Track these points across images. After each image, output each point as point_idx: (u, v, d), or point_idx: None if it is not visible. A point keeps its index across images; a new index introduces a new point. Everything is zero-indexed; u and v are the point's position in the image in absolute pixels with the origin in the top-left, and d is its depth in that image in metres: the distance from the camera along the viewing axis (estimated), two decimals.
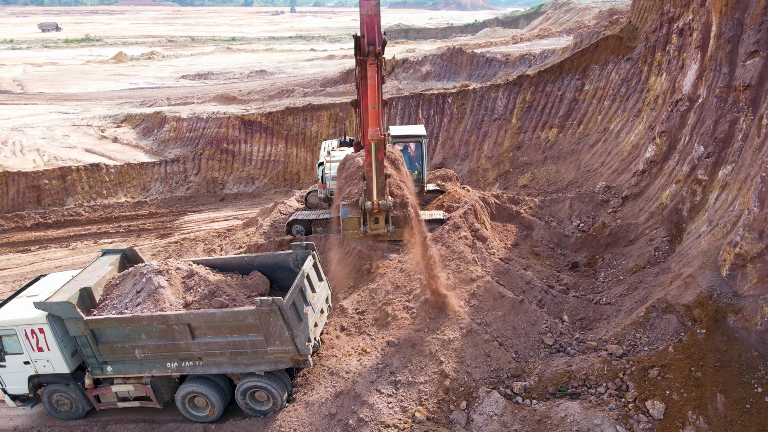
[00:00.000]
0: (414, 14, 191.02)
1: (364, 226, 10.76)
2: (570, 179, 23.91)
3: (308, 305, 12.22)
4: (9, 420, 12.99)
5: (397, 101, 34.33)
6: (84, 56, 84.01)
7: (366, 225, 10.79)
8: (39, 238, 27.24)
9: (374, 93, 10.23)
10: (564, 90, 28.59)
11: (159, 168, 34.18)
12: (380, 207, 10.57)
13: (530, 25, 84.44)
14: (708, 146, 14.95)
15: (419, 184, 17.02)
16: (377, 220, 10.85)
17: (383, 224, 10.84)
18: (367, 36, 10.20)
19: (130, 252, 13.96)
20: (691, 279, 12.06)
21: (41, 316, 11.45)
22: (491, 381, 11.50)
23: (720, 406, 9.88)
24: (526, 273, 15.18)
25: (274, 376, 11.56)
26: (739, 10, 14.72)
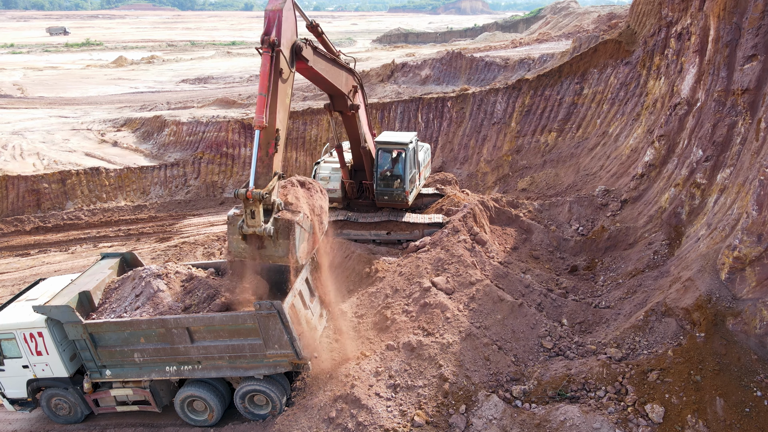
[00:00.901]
0: (413, 18, 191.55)
1: (241, 222, 10.44)
2: (569, 183, 23.94)
3: (307, 309, 12.22)
4: (8, 424, 12.96)
5: (396, 105, 34.39)
6: (84, 60, 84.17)
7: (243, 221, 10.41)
8: (38, 242, 27.24)
9: (264, 80, 10.59)
10: (563, 94, 28.66)
11: (159, 172, 34.20)
12: (254, 196, 10.21)
13: (529, 30, 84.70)
14: (706, 150, 14.99)
15: (401, 192, 16.85)
16: (253, 215, 10.50)
17: (260, 221, 10.43)
18: (266, 28, 10.86)
19: (130, 256, 13.96)
20: (690, 282, 12.07)
21: (40, 320, 11.44)
22: (490, 385, 11.49)
23: (719, 410, 9.86)
24: (526, 277, 15.18)
25: (273, 380, 11.55)
26: (736, 14, 14.78)
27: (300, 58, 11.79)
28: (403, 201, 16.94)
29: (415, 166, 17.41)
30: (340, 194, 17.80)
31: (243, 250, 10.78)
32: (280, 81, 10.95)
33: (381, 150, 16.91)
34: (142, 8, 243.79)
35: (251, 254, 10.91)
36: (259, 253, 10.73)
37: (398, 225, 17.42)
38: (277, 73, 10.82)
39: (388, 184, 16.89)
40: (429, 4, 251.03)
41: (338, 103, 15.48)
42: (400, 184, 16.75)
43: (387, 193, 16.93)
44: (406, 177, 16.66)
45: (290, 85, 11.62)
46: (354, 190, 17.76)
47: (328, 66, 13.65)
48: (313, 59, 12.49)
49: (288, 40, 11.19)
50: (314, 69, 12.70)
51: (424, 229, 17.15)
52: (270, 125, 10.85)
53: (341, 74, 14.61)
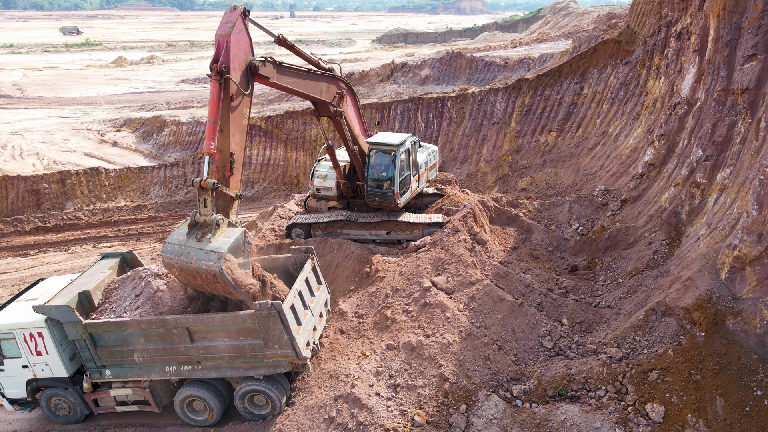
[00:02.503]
0: (413, 18, 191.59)
1: (194, 212, 10.77)
2: (569, 182, 23.94)
3: (307, 309, 12.22)
4: (8, 424, 12.95)
5: (396, 105, 34.39)
6: (84, 60, 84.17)
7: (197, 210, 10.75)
8: (38, 242, 27.24)
9: (213, 108, 10.83)
10: (563, 94, 28.66)
11: (158, 172, 34.19)
12: (207, 185, 10.54)
13: (529, 30, 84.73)
14: (706, 149, 14.99)
15: (390, 193, 16.78)
16: (206, 203, 10.63)
17: (211, 210, 10.72)
18: (215, 54, 11.04)
19: (129, 256, 13.96)
20: (690, 282, 12.07)
21: (40, 320, 11.44)
22: (491, 384, 11.48)
23: (719, 409, 9.86)
24: (526, 276, 15.18)
25: (273, 380, 11.54)
26: (736, 14, 14.78)
27: (259, 76, 11.91)
28: (392, 203, 16.84)
29: (409, 169, 17.29)
30: (336, 193, 17.87)
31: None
32: (231, 108, 11.08)
33: (372, 151, 16.89)
34: (141, 8, 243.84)
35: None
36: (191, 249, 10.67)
37: (398, 225, 17.41)
38: (228, 100, 10.95)
39: (378, 185, 16.80)
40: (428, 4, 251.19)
41: (322, 110, 15.68)
42: (389, 186, 16.65)
43: (377, 194, 16.87)
44: (395, 179, 16.52)
45: (246, 105, 11.68)
46: (349, 189, 17.79)
47: (298, 80, 13.73)
48: (277, 76, 12.60)
49: (240, 63, 11.31)
50: (280, 84, 12.85)
51: (424, 228, 17.14)
52: (224, 150, 11.05)
53: (319, 84, 14.65)
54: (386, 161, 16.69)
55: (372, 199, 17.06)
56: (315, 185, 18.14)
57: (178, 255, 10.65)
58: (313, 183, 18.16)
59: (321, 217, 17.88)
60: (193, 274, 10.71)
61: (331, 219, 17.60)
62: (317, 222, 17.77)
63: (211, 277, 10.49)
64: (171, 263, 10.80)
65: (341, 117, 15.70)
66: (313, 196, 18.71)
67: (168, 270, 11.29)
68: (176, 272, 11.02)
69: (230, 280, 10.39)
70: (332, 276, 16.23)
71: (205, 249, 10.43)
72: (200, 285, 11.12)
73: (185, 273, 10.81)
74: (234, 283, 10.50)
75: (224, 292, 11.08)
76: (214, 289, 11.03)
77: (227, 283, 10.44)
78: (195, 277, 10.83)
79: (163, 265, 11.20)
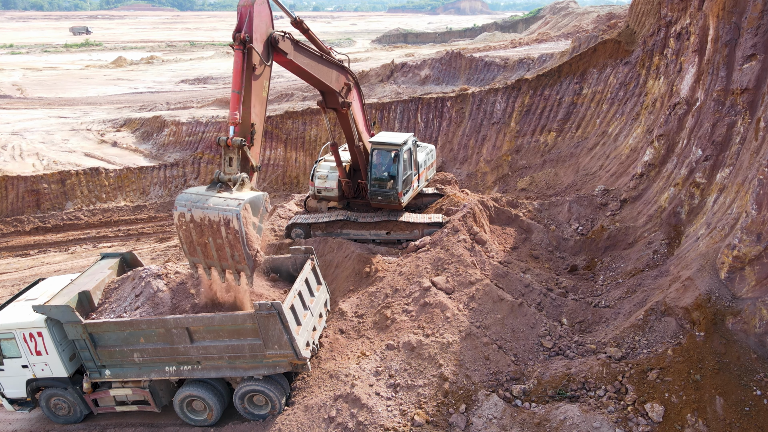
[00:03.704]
0: (413, 18, 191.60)
1: (218, 171, 10.66)
2: (569, 182, 23.95)
3: (307, 309, 12.22)
4: (8, 424, 12.95)
5: (395, 105, 34.39)
6: (83, 61, 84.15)
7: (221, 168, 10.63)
8: (38, 242, 27.24)
9: (236, 78, 10.80)
10: (562, 94, 28.67)
11: (158, 172, 34.20)
12: (234, 143, 10.48)
13: (529, 30, 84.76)
14: (706, 149, 15.00)
15: (393, 193, 16.86)
16: (231, 162, 10.50)
17: (236, 168, 10.58)
18: (237, 23, 10.97)
19: (129, 256, 13.96)
20: (689, 282, 12.08)
21: (40, 320, 11.44)
22: (490, 384, 11.49)
23: (719, 409, 9.87)
24: (525, 276, 15.19)
25: (272, 380, 11.55)
26: (736, 14, 14.79)
27: (277, 50, 11.87)
28: (396, 202, 16.90)
29: (411, 168, 17.37)
30: (337, 193, 17.83)
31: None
32: (254, 77, 11.05)
33: (375, 150, 16.91)
34: (141, 8, 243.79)
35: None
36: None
37: (398, 225, 17.42)
38: (250, 70, 10.93)
39: (381, 184, 16.85)
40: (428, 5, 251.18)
41: (330, 100, 15.59)
42: (393, 185, 16.71)
43: (380, 193, 16.92)
44: (399, 178, 16.60)
45: (266, 78, 11.68)
46: (351, 189, 17.77)
47: (313, 62, 13.71)
48: (294, 53, 12.55)
49: (262, 35, 11.30)
50: (295, 63, 12.77)
51: (423, 228, 17.15)
52: (245, 121, 10.95)
53: (330, 71, 14.66)
54: (390, 160, 16.74)
55: (375, 199, 17.09)
56: (316, 186, 18.09)
57: (194, 202, 10.19)
58: (314, 184, 18.12)
59: (321, 217, 17.89)
60: (203, 227, 10.13)
61: (331, 219, 17.60)
62: (317, 222, 17.78)
63: (222, 227, 9.94)
64: (183, 212, 10.22)
65: (348, 109, 15.69)
66: (314, 197, 18.68)
67: (176, 222, 10.56)
68: (184, 225, 10.33)
69: (243, 231, 9.94)
70: (332, 276, 16.24)
71: (226, 197, 10.11)
72: (203, 245, 10.47)
73: (195, 225, 10.20)
74: (245, 237, 10.03)
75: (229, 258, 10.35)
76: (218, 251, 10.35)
77: (238, 235, 9.89)
78: (202, 232, 10.22)
79: (173, 215, 10.59)
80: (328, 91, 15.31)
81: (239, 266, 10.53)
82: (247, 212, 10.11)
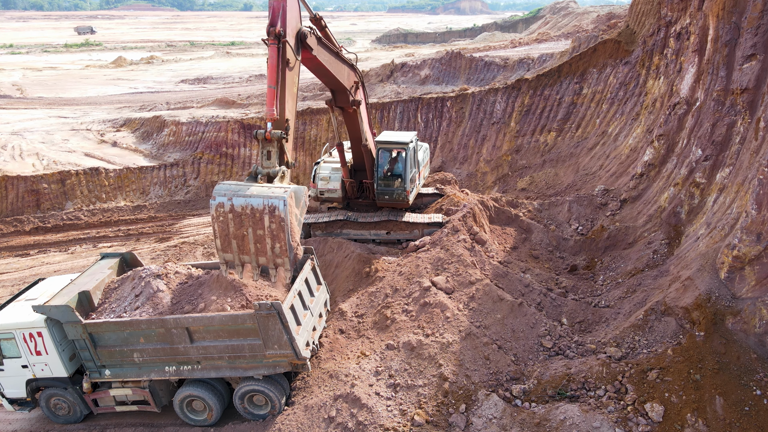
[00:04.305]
0: (413, 18, 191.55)
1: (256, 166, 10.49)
2: (568, 182, 23.95)
3: (307, 309, 12.22)
4: (8, 424, 12.95)
5: (395, 105, 34.39)
6: (83, 61, 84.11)
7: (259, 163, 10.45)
8: (38, 242, 27.21)
9: (272, 73, 10.70)
10: (562, 94, 28.67)
11: (158, 172, 34.18)
12: (273, 136, 10.33)
13: (529, 30, 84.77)
14: (706, 149, 15.00)
15: (401, 191, 17.00)
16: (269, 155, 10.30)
17: (275, 162, 10.34)
18: (271, 18, 10.90)
19: (129, 256, 13.95)
20: (689, 282, 12.08)
21: (40, 320, 11.43)
22: (490, 384, 11.49)
23: (719, 409, 9.87)
24: (525, 276, 15.19)
25: (272, 380, 11.54)
26: (736, 14, 14.80)
27: (305, 46, 11.82)
28: (404, 200, 16.99)
29: (415, 166, 17.47)
30: (341, 194, 17.80)
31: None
32: (288, 71, 10.98)
33: (382, 149, 16.94)
34: (141, 8, 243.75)
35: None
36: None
37: (398, 225, 17.42)
38: (285, 64, 10.85)
39: (388, 183, 16.94)
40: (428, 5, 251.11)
41: (340, 99, 15.50)
42: (400, 183, 16.82)
43: (388, 192, 16.98)
44: (406, 176, 16.73)
45: (297, 73, 11.66)
46: (354, 189, 17.76)
47: (331, 58, 13.68)
48: (317, 48, 12.52)
49: (293, 29, 11.24)
50: (317, 59, 12.73)
51: (423, 228, 17.16)
52: (280, 116, 10.85)
53: (344, 68, 14.65)
54: (397, 159, 16.80)
55: (382, 198, 17.16)
56: (318, 188, 17.94)
57: (234, 191, 9.78)
58: (316, 185, 17.97)
59: (321, 217, 17.88)
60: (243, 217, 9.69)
61: (331, 219, 17.60)
62: (317, 222, 17.77)
63: (267, 215, 9.55)
64: (222, 201, 9.81)
65: (358, 107, 15.64)
66: (316, 199, 18.58)
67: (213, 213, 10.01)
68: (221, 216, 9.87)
69: (288, 221, 9.61)
70: (332, 276, 16.24)
71: (269, 186, 9.84)
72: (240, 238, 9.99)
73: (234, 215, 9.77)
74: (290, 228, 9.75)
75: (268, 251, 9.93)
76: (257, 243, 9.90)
77: (283, 224, 9.51)
78: (242, 223, 9.74)
79: (210, 206, 10.13)
80: (339, 90, 15.21)
81: (278, 260, 10.12)
82: (292, 201, 9.89)
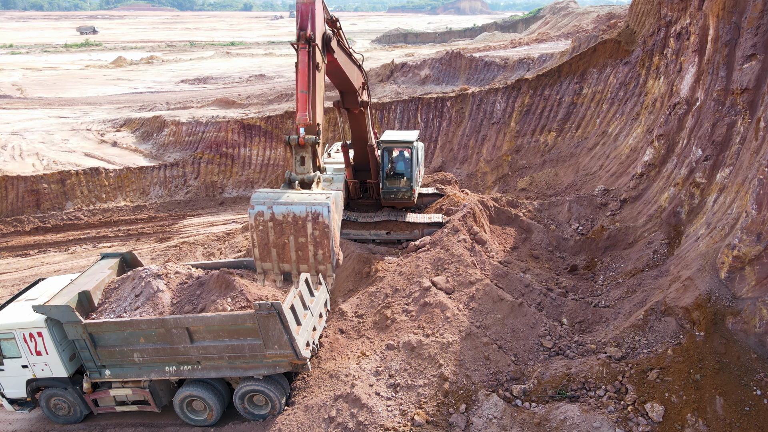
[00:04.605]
0: (413, 18, 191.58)
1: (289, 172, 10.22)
2: (569, 182, 23.95)
3: (307, 309, 12.22)
4: (8, 424, 12.95)
5: (395, 105, 34.39)
6: (83, 61, 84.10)
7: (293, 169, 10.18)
8: (38, 242, 27.21)
9: (304, 77, 10.50)
10: (562, 94, 28.67)
11: (158, 172, 34.17)
12: (306, 141, 10.14)
13: (529, 30, 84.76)
14: (706, 149, 15.00)
15: (408, 190, 17.10)
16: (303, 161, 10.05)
17: (309, 167, 10.10)
18: (300, 22, 10.72)
19: (129, 256, 13.95)
20: (689, 282, 12.07)
21: (40, 320, 11.44)
22: (490, 384, 11.49)
23: (719, 409, 9.87)
24: (525, 276, 15.19)
25: (272, 380, 11.55)
26: (736, 14, 14.80)
27: (328, 48, 11.70)
28: (410, 199, 17.07)
29: (418, 165, 17.56)
30: (344, 194, 17.82)
31: None
32: (317, 75, 10.80)
33: (387, 149, 16.97)
34: (141, 9, 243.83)
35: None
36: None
37: (398, 225, 17.43)
38: (315, 68, 10.67)
39: (394, 183, 17.01)
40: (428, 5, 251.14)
41: (348, 100, 15.40)
42: (406, 182, 16.90)
43: (393, 191, 17.06)
44: (412, 175, 16.82)
45: (323, 77, 11.49)
46: (357, 189, 17.78)
47: (347, 59, 13.64)
48: (337, 51, 12.45)
49: (320, 33, 11.12)
50: (337, 62, 12.62)
51: (423, 228, 17.16)
52: (312, 121, 10.63)
53: (354, 69, 14.62)
54: (403, 158, 16.86)
55: (388, 197, 17.19)
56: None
57: (274, 199, 9.57)
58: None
59: None
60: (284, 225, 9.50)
61: None
62: None
63: (310, 222, 9.38)
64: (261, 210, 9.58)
65: (366, 108, 15.58)
66: None
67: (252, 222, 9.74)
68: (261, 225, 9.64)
69: (332, 227, 9.44)
70: None
71: (310, 192, 9.67)
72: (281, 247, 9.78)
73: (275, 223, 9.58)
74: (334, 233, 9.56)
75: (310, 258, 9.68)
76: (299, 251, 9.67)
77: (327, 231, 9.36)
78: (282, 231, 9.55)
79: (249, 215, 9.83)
80: (349, 91, 15.07)
81: (320, 267, 9.91)
82: (334, 207, 9.79)
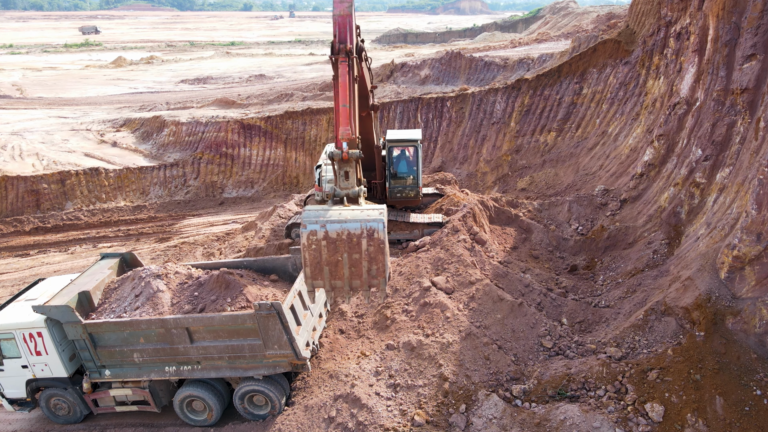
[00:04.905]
0: (413, 18, 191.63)
1: (333, 187, 10.05)
2: (568, 182, 23.96)
3: (307, 309, 12.23)
4: (7, 424, 12.95)
5: (395, 105, 34.39)
6: (83, 61, 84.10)
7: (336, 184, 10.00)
8: (38, 243, 27.21)
9: (345, 91, 10.27)
10: (562, 94, 28.68)
11: (158, 172, 34.17)
12: (350, 155, 9.94)
13: (529, 30, 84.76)
14: (706, 149, 15.00)
15: (414, 188, 17.27)
16: (347, 176, 9.83)
17: (353, 182, 9.86)
18: (338, 35, 10.53)
19: (129, 256, 13.95)
20: (689, 282, 12.07)
21: (40, 320, 11.43)
22: (490, 384, 11.49)
23: (719, 409, 9.87)
24: (525, 276, 15.19)
25: (272, 380, 11.55)
26: (736, 14, 14.80)
27: (361, 58, 11.63)
28: (417, 197, 17.17)
29: (422, 164, 17.66)
30: None
31: None
32: (355, 86, 10.65)
33: (394, 148, 17.01)
34: (140, 9, 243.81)
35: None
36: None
37: (398, 225, 17.42)
38: (354, 80, 10.52)
39: (401, 181, 17.08)
40: (428, 5, 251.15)
41: (360, 104, 15.34)
42: (413, 180, 16.99)
43: (400, 190, 17.14)
44: (419, 173, 16.92)
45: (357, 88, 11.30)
46: None
47: (365, 66, 13.61)
48: (364, 60, 12.47)
49: (356, 44, 11.02)
50: (362, 70, 12.52)
51: (423, 228, 17.16)
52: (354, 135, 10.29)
53: (369, 74, 14.63)
54: (409, 156, 16.93)
55: (394, 196, 17.23)
56: (325, 191, 17.79)
57: (326, 218, 9.39)
58: (322, 188, 17.83)
59: None
60: (338, 243, 9.33)
61: None
62: None
63: (365, 239, 9.24)
64: (314, 229, 9.35)
65: (377, 111, 15.57)
66: (322, 202, 18.45)
67: (305, 242, 9.47)
68: (314, 244, 9.42)
69: (386, 242, 9.32)
70: None
71: (362, 209, 9.54)
72: (333, 264, 9.60)
73: (328, 242, 9.38)
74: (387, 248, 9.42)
75: (364, 274, 9.57)
76: (352, 268, 9.54)
77: (382, 246, 9.23)
78: (336, 249, 9.39)
79: (301, 236, 9.55)
80: (363, 95, 15.00)
81: (373, 281, 9.74)
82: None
